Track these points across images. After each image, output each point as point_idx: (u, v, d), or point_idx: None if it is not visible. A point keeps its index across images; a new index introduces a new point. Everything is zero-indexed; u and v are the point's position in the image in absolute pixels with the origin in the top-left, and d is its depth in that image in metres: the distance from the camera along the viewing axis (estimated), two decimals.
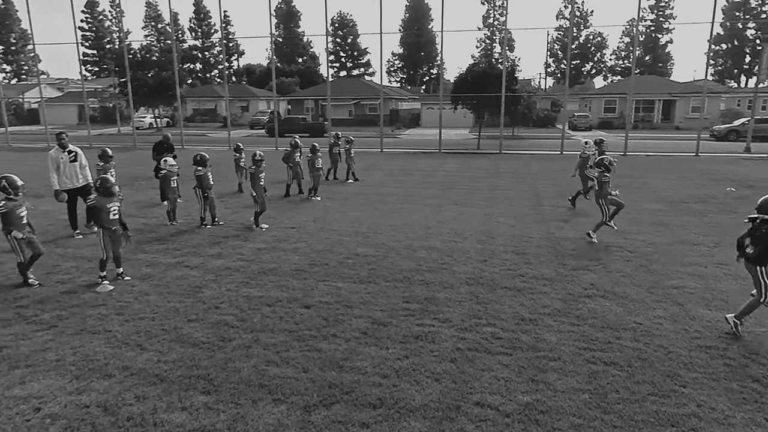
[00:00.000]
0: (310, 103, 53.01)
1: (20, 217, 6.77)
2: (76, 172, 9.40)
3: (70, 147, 9.38)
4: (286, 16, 75.53)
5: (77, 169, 9.41)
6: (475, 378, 4.54)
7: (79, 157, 9.47)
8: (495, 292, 6.62)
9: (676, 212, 11.52)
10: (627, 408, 4.09)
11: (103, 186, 6.90)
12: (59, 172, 9.21)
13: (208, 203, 10.15)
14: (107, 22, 70.54)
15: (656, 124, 46.21)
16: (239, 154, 14.15)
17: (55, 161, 9.18)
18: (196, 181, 9.93)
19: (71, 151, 9.36)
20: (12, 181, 6.77)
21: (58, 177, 9.20)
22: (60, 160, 9.20)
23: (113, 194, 6.93)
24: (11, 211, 6.68)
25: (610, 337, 5.31)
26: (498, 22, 66.52)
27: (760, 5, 61.70)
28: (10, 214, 6.67)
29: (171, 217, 10.45)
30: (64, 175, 9.26)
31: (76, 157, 9.42)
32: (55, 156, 9.21)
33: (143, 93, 38.59)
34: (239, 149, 14.22)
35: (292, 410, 4.08)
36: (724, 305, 6.15)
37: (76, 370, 4.70)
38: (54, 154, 9.23)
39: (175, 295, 6.54)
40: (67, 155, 9.28)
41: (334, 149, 16.34)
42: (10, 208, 6.68)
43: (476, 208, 12.11)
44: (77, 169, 9.41)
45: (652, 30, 66.98)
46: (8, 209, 6.66)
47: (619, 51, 69.27)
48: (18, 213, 6.75)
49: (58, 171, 9.20)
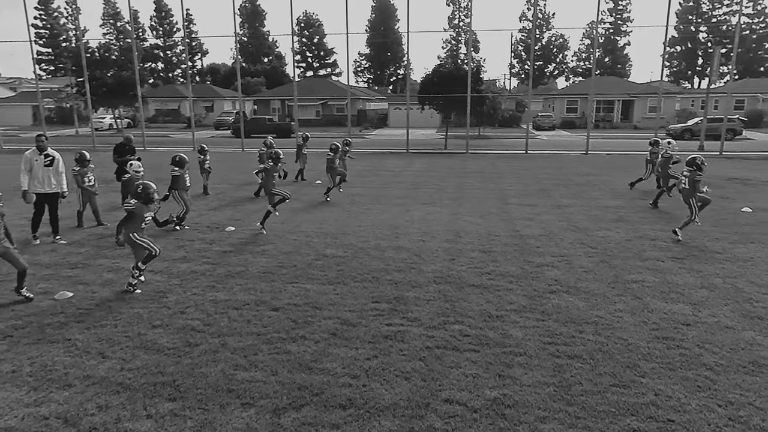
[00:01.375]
0: (277, 104, 52.49)
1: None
2: (50, 177, 8.92)
3: (48, 151, 8.93)
4: (251, 15, 74.55)
5: (51, 174, 8.93)
6: (443, 375, 4.60)
7: (56, 163, 8.98)
8: (463, 290, 6.72)
9: (635, 208, 11.93)
10: (589, 399, 4.22)
11: (145, 193, 6.49)
12: (31, 175, 8.76)
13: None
14: (63, 20, 68.11)
15: (616, 124, 47.71)
16: (204, 156, 13.87)
17: (28, 162, 8.73)
18: (172, 182, 9.71)
19: (48, 155, 8.91)
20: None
21: (30, 179, 8.76)
22: (34, 162, 8.76)
23: (153, 201, 6.59)
24: None
25: (573, 331, 5.47)
26: (463, 23, 67.38)
27: (710, 10, 64.53)
28: None
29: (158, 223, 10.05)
30: (36, 179, 8.80)
31: (53, 162, 8.94)
32: (30, 157, 8.77)
33: (102, 93, 37.41)
34: (204, 151, 13.94)
35: (261, 414, 4.05)
36: (681, 297, 6.41)
37: (33, 381, 4.53)
38: (29, 155, 8.79)
39: (138, 300, 6.38)
40: (43, 158, 8.83)
41: (302, 150, 16.29)
42: None
43: (444, 207, 12.25)
44: (51, 174, 8.93)
45: (611, 32, 69.12)
46: None
47: (580, 53, 71.23)
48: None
49: (30, 173, 8.75)
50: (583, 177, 17.35)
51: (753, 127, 41.83)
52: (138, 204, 6.54)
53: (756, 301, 6.29)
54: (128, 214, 6.58)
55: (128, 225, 6.61)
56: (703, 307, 6.12)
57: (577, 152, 26.11)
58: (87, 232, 9.88)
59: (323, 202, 12.87)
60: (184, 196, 9.96)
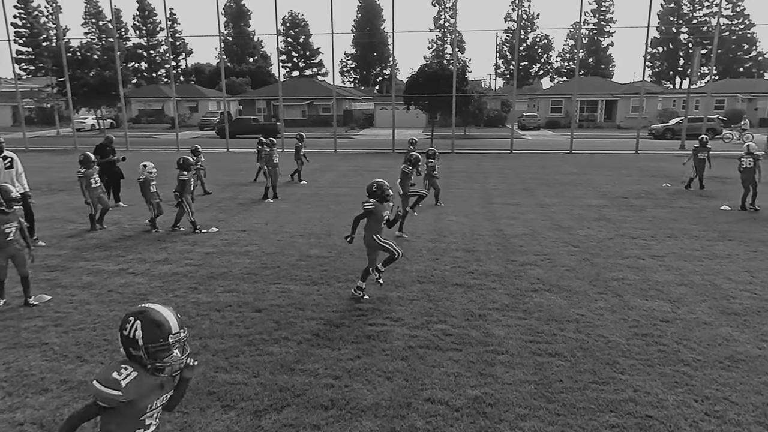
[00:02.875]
0: (262, 104, 52.16)
1: (5, 233, 6.00)
2: (12, 180, 8.64)
3: (5, 152, 8.70)
4: (235, 14, 74.00)
5: (12, 177, 8.67)
6: (426, 375, 4.61)
7: (15, 164, 8.75)
8: (446, 289, 6.74)
9: (617, 207, 12.08)
10: (570, 396, 4.26)
11: (381, 190, 6.17)
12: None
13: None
14: (43, 18, 66.87)
15: (600, 124, 48.26)
16: (197, 156, 13.76)
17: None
18: (179, 185, 9.58)
19: (6, 157, 8.67)
20: (5, 192, 5.97)
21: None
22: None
23: (388, 199, 6.23)
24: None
25: (554, 329, 5.52)
26: (449, 23, 67.63)
27: (691, 11, 65.59)
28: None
29: (154, 224, 9.93)
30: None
31: (12, 164, 8.71)
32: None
33: (84, 93, 36.78)
34: (197, 152, 13.76)
35: (242, 416, 4.02)
36: (660, 295, 6.50)
37: (8, 386, 4.44)
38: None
39: (118, 303, 6.29)
40: (1, 161, 8.60)
41: (301, 152, 16.21)
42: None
43: (428, 206, 12.27)
44: (12, 176, 8.68)
45: (594, 33, 69.91)
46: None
47: (564, 53, 71.95)
48: (3, 229, 5.98)
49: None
50: (567, 176, 17.51)
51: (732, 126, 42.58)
52: (376, 203, 6.19)
53: (733, 297, 6.40)
54: (365, 214, 6.23)
55: (369, 226, 6.25)
56: (682, 304, 6.21)
57: (561, 152, 26.35)
58: (66, 233, 9.71)
59: (309, 203, 12.82)
60: (188, 199, 9.75)
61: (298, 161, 16.35)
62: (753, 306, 6.12)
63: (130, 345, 2.43)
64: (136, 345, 2.41)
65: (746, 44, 65.59)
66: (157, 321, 2.42)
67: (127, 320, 2.44)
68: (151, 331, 2.40)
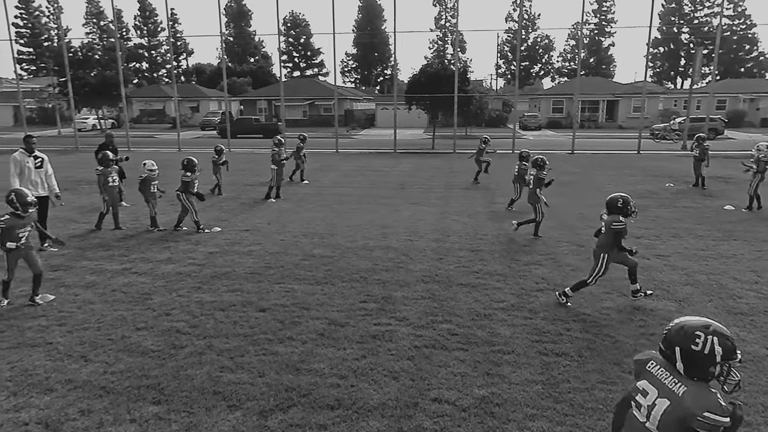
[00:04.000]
0: (263, 104, 52.12)
1: (18, 237, 6.05)
2: (42, 180, 8.60)
3: (36, 152, 8.57)
4: (236, 14, 74.02)
5: (42, 177, 8.61)
6: (432, 375, 4.59)
7: (45, 164, 8.66)
8: (450, 289, 6.71)
9: None
10: (577, 396, 4.23)
11: (625, 204, 5.95)
12: (22, 178, 8.34)
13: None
14: (44, 19, 66.94)
15: (601, 124, 48.20)
16: (219, 156, 13.82)
17: (18, 165, 8.34)
18: (182, 186, 9.57)
19: (38, 157, 8.56)
20: (21, 196, 6.08)
21: (21, 183, 8.19)
22: (25, 164, 8.38)
23: (631, 214, 5.96)
24: (10, 229, 5.97)
25: (561, 329, 5.49)
26: (450, 23, 67.62)
27: (692, 11, 65.52)
28: (8, 231, 5.97)
29: (154, 223, 9.91)
30: (29, 182, 8.34)
31: (42, 164, 8.62)
32: (20, 159, 8.37)
33: (85, 93, 36.82)
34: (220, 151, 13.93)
35: (248, 416, 3.99)
36: (666, 294, 6.47)
37: (13, 386, 4.42)
38: (19, 158, 8.39)
39: (122, 303, 6.27)
40: (33, 160, 8.48)
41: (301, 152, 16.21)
42: (11, 225, 5.98)
43: (431, 207, 12.25)
44: (42, 176, 8.61)
45: (595, 33, 69.83)
46: (8, 225, 5.96)
47: (565, 53, 71.89)
48: (17, 233, 6.04)
49: (21, 176, 8.33)
50: (570, 176, 17.47)
51: (734, 126, 42.53)
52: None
53: (739, 297, 6.37)
54: (619, 235, 5.94)
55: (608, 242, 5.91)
56: (688, 303, 6.18)
57: (563, 152, 26.30)
58: (69, 233, 9.69)
59: (311, 203, 12.80)
60: (192, 199, 9.73)
61: (299, 161, 16.34)
62: (759, 306, 6.09)
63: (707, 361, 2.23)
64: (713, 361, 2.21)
65: (747, 44, 65.49)
66: (727, 335, 2.24)
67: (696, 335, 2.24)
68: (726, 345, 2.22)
